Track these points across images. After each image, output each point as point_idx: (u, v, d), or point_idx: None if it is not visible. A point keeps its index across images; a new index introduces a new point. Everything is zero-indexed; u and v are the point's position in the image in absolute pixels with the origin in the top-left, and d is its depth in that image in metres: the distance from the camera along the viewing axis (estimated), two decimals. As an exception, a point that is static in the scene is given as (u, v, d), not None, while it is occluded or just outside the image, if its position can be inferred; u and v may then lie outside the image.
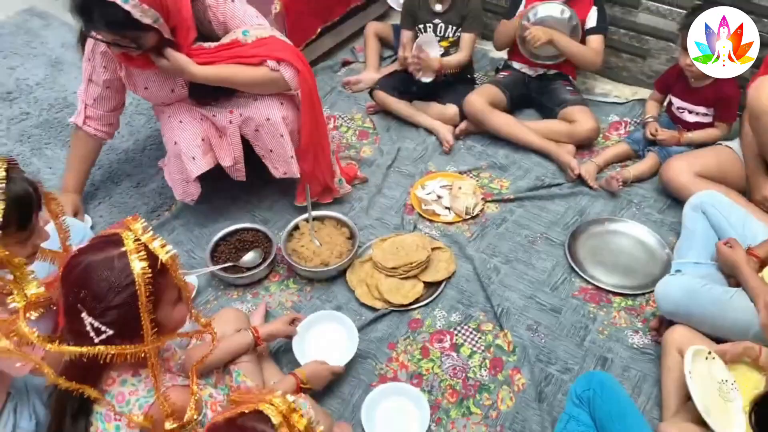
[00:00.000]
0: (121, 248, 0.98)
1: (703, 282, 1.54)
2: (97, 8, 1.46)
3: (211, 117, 1.81)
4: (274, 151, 1.82)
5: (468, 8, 2.25)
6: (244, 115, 1.77)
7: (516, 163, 2.21)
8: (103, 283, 0.96)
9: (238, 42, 1.69)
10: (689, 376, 1.33)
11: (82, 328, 0.97)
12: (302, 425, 0.84)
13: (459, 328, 1.70)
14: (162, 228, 2.00)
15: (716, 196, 1.79)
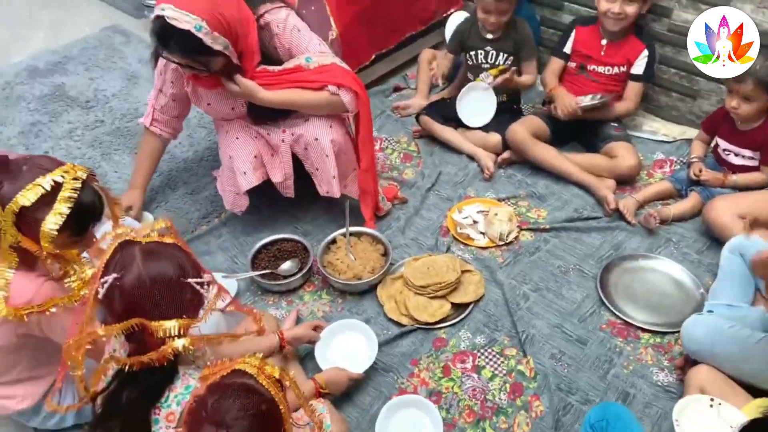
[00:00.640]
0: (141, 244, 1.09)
1: (730, 323, 1.53)
2: (173, 36, 1.58)
3: (265, 135, 1.94)
4: (320, 169, 1.92)
5: (520, 36, 2.32)
6: (296, 134, 1.89)
7: (555, 194, 2.23)
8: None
9: (301, 67, 1.80)
10: (676, 425, 1.33)
11: None
12: (276, 372, 0.97)
13: (482, 351, 1.73)
14: (211, 233, 2.13)
15: (755, 240, 1.77)
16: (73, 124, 2.61)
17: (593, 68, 2.33)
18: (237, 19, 1.69)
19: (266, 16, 1.81)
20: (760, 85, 1.89)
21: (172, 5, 1.56)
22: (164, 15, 1.56)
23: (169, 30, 1.57)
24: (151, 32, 1.64)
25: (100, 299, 1.06)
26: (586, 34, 2.33)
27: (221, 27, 1.62)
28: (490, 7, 2.21)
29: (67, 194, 1.22)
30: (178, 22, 1.55)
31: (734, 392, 1.44)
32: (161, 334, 1.04)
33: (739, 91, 1.94)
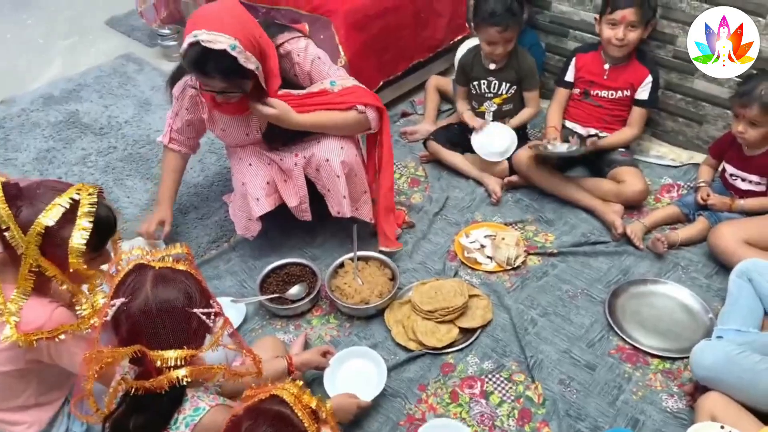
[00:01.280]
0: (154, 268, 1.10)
1: (740, 349, 1.52)
2: (210, 58, 1.62)
3: (278, 161, 1.98)
4: (331, 190, 1.95)
5: (523, 67, 2.35)
6: (307, 157, 1.92)
7: (563, 218, 2.24)
8: None
9: (326, 91, 1.87)
10: None
11: None
12: (313, 403, 0.96)
13: (490, 376, 1.73)
14: (220, 258, 2.15)
15: (763, 265, 1.77)
16: (87, 151, 2.66)
17: (596, 93, 2.36)
18: (263, 41, 1.75)
19: (286, 45, 1.88)
20: (766, 110, 1.90)
21: (204, 29, 1.60)
22: (199, 39, 1.60)
23: (206, 53, 1.61)
24: (187, 62, 1.67)
25: (107, 321, 1.08)
26: (588, 60, 2.36)
27: (252, 47, 1.68)
28: (496, 38, 2.24)
29: (86, 209, 1.27)
30: (213, 44, 1.59)
31: (745, 419, 1.42)
32: (160, 364, 1.05)
33: (745, 116, 1.95)
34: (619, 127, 2.38)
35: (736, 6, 2.12)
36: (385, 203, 2.03)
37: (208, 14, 1.66)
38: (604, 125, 2.38)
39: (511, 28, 2.22)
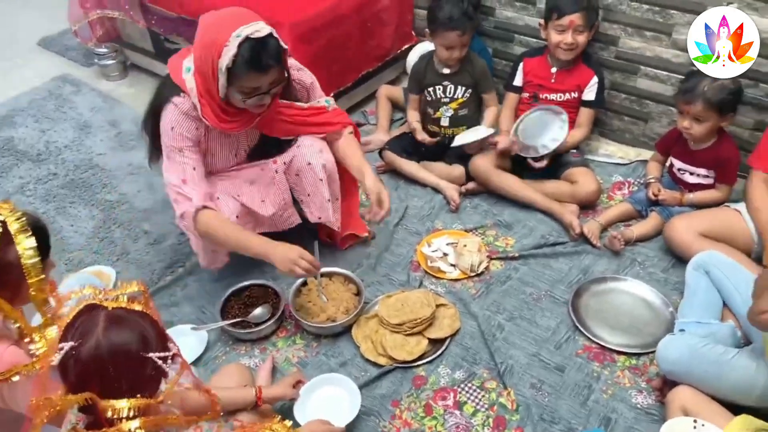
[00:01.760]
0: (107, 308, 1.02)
1: (704, 342, 1.55)
2: (264, 48, 1.56)
3: (257, 172, 1.90)
4: (311, 195, 1.91)
5: (477, 69, 2.37)
6: (287, 161, 1.89)
7: (521, 222, 2.26)
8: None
9: (325, 108, 1.90)
10: None
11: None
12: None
13: (463, 386, 1.71)
14: (176, 284, 2.07)
15: (718, 257, 1.82)
16: (24, 179, 2.52)
17: (545, 96, 2.39)
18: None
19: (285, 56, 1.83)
20: (710, 106, 1.96)
21: (241, 26, 1.54)
22: (246, 35, 1.52)
23: (258, 44, 1.54)
24: (241, 64, 1.54)
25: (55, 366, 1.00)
26: (535, 65, 2.40)
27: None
28: (455, 42, 2.25)
29: (16, 226, 1.20)
30: (260, 32, 1.54)
31: (716, 411, 1.45)
32: (111, 414, 0.97)
33: (690, 112, 2.01)
34: (569, 128, 2.41)
35: (673, 6, 2.21)
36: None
37: (226, 15, 1.60)
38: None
39: (468, 31, 2.25)
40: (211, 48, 1.56)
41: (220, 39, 1.55)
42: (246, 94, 1.63)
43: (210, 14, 1.65)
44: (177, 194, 1.72)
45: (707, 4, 2.11)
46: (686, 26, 2.20)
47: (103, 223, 2.31)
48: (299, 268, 1.68)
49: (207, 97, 1.66)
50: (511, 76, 2.46)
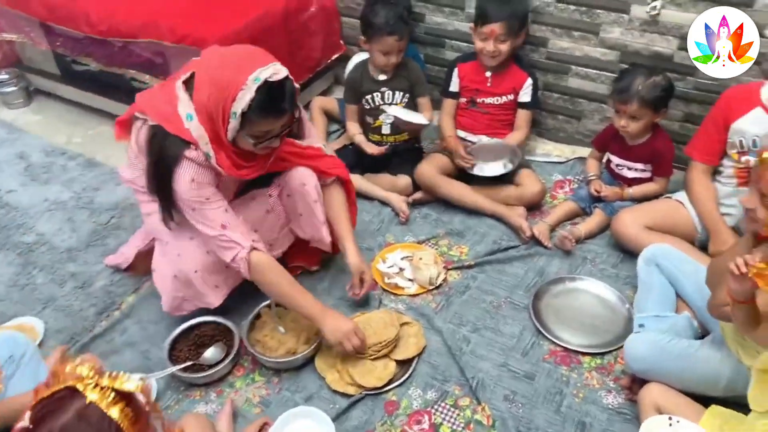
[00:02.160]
0: (85, 400, 0.88)
1: (668, 337, 1.57)
2: (283, 92, 1.48)
3: (247, 202, 1.79)
4: (303, 215, 1.83)
5: (412, 73, 2.33)
6: (281, 184, 1.80)
7: (472, 229, 2.24)
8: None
9: (321, 150, 1.83)
10: None
11: None
12: None
13: (436, 407, 1.66)
14: (113, 329, 1.89)
15: (667, 250, 1.86)
16: None
17: (483, 101, 2.39)
18: None
19: None
20: (645, 104, 2.02)
21: (258, 67, 1.43)
22: (264, 78, 1.43)
23: (276, 89, 1.46)
24: (259, 108, 1.45)
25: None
26: (470, 70, 2.39)
27: None
28: (393, 48, 2.21)
29: None
30: (278, 74, 1.46)
31: (687, 405, 1.47)
32: None
33: (626, 112, 2.06)
34: (507, 131, 2.42)
35: (599, 5, 2.26)
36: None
37: (240, 55, 1.50)
38: (493, 131, 2.41)
39: (405, 36, 2.22)
40: (225, 91, 1.43)
41: (236, 81, 1.42)
42: (257, 138, 1.53)
43: (216, 52, 1.52)
44: (222, 243, 1.59)
45: (631, 2, 2.19)
46: (612, 24, 2.27)
47: (22, 269, 2.08)
48: (350, 344, 1.65)
49: (217, 142, 1.52)
50: (446, 81, 2.44)
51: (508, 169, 2.26)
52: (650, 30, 2.21)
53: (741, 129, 1.91)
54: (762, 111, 1.88)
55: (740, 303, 1.30)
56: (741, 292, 1.28)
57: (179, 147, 1.51)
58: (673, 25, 2.16)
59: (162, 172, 1.54)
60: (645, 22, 2.20)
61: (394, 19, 2.19)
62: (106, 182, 2.47)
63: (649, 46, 2.24)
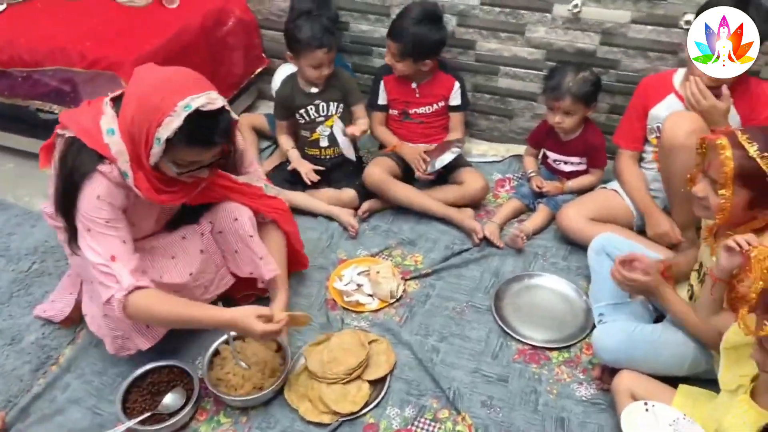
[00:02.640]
0: None
1: (633, 325, 1.62)
2: (215, 122, 1.39)
3: (177, 241, 1.67)
4: (239, 251, 1.71)
5: (344, 82, 2.29)
6: (213, 220, 1.68)
7: (423, 236, 2.22)
8: None
9: (261, 190, 1.72)
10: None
11: None
12: None
13: (417, 423, 1.62)
14: (54, 387, 1.71)
15: (613, 238, 1.93)
16: None
17: (414, 111, 2.38)
18: None
19: None
20: (577, 99, 2.09)
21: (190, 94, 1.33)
22: (198, 106, 1.33)
23: (208, 118, 1.36)
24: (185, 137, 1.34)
25: None
26: (396, 83, 2.37)
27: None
28: (322, 60, 2.15)
29: None
30: (213, 104, 1.36)
31: (659, 388, 1.52)
32: None
33: (560, 108, 2.12)
34: (443, 135, 2.43)
35: (523, 6, 2.31)
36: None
37: (173, 78, 1.38)
38: (429, 139, 2.42)
39: (334, 47, 2.17)
40: (151, 114, 1.32)
41: (164, 106, 1.32)
42: (182, 166, 1.42)
43: (150, 72, 1.40)
44: (104, 275, 1.43)
45: (554, 1, 2.26)
46: (537, 24, 2.34)
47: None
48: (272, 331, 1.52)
49: (137, 163, 1.40)
50: (373, 95, 2.41)
51: (458, 151, 2.26)
52: (573, 27, 2.29)
53: (657, 115, 2.02)
54: (675, 97, 2.01)
55: (720, 281, 1.35)
56: (725, 270, 1.33)
57: (94, 161, 1.40)
58: (594, 22, 2.24)
59: (71, 187, 1.42)
60: (568, 20, 2.27)
61: (320, 31, 2.14)
62: (20, 225, 2.25)
63: (572, 43, 2.32)
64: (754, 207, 1.39)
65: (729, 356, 1.35)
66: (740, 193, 1.37)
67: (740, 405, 1.28)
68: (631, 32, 2.23)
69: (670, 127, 1.87)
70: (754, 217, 1.42)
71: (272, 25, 2.75)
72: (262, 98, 2.99)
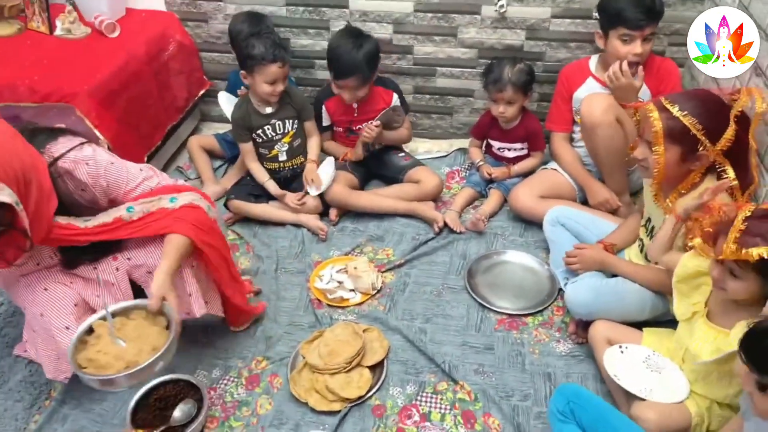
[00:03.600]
0: None
1: (598, 281, 1.82)
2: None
3: (87, 273, 1.62)
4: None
5: (296, 99, 2.37)
6: (133, 260, 1.63)
7: (389, 231, 2.34)
8: None
9: (121, 220, 1.54)
10: (617, 379, 1.52)
11: None
12: None
13: (419, 398, 1.73)
14: (52, 421, 1.68)
15: (565, 210, 2.14)
16: None
17: (358, 128, 2.48)
18: (25, 158, 1.37)
19: (66, 159, 1.50)
20: (517, 88, 2.30)
21: None
22: None
23: None
24: None
25: None
26: (336, 106, 2.48)
27: (5, 170, 1.28)
28: (278, 75, 2.22)
29: None
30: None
31: (628, 332, 1.70)
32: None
33: (503, 99, 2.32)
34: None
35: (454, 10, 2.50)
36: (228, 275, 1.77)
37: None
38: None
39: (287, 62, 2.25)
40: None
41: None
42: None
43: None
44: None
45: (481, 3, 2.46)
46: (468, 26, 2.53)
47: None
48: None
49: None
50: (317, 118, 2.49)
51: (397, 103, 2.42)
52: (500, 26, 2.50)
53: (580, 97, 2.27)
54: (593, 80, 2.27)
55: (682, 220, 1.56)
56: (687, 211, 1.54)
57: None
58: (519, 19, 2.47)
59: None
60: (495, 20, 2.49)
61: (273, 47, 2.22)
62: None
63: (501, 41, 2.54)
64: (685, 160, 1.62)
65: (680, 290, 1.54)
66: (671, 149, 1.59)
67: (699, 328, 1.48)
68: (552, 26, 2.47)
69: (587, 108, 2.12)
70: (688, 170, 1.64)
71: (211, 47, 2.80)
72: (205, 120, 3.02)
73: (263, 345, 1.88)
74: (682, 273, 1.53)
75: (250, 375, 1.80)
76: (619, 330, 1.73)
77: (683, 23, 2.36)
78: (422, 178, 2.46)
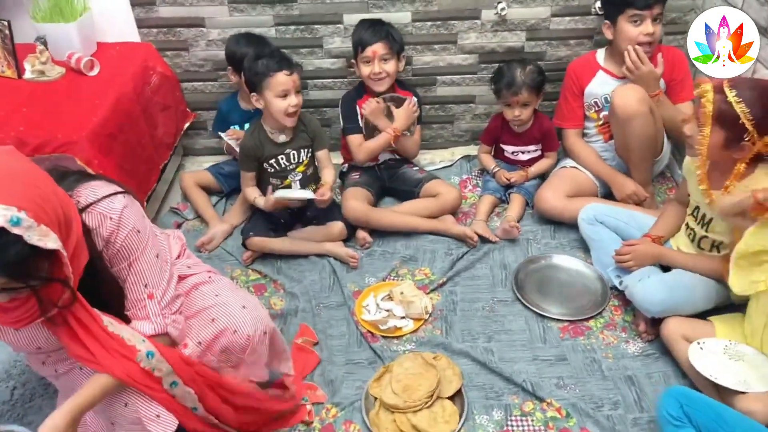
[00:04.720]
0: None
1: (666, 276, 1.79)
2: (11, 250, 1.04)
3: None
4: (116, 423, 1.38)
5: (311, 127, 2.23)
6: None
7: (420, 249, 2.24)
8: None
9: (133, 350, 1.27)
10: (714, 378, 1.48)
11: None
12: None
13: (510, 422, 1.64)
14: None
15: (600, 207, 2.12)
16: None
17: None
18: (63, 205, 1.16)
19: (96, 209, 1.26)
20: (532, 90, 2.27)
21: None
22: None
23: None
24: None
25: None
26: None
27: (48, 215, 1.09)
28: (287, 84, 2.06)
29: None
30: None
31: (699, 325, 1.68)
32: None
33: (518, 102, 2.28)
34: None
35: (453, 17, 2.44)
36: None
37: None
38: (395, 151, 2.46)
39: (294, 70, 2.10)
40: None
41: None
42: None
43: None
44: None
45: (481, 7, 2.42)
46: (467, 31, 2.48)
47: None
48: None
49: None
50: (348, 119, 2.38)
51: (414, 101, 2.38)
52: (501, 29, 2.46)
53: (592, 92, 2.27)
54: (603, 73, 2.27)
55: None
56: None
57: None
58: (520, 21, 2.44)
59: None
60: (495, 23, 2.45)
61: (276, 57, 2.10)
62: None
63: (502, 43, 2.50)
64: (728, 147, 1.60)
65: (739, 264, 1.50)
66: (717, 133, 1.57)
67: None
68: (552, 25, 2.45)
69: (621, 100, 2.09)
70: (731, 158, 1.61)
71: (192, 76, 2.61)
72: (187, 155, 2.82)
73: (328, 391, 1.73)
74: (743, 249, 1.49)
75: (323, 426, 1.65)
76: (691, 324, 1.70)
77: (678, 12, 2.41)
78: (441, 191, 2.37)
